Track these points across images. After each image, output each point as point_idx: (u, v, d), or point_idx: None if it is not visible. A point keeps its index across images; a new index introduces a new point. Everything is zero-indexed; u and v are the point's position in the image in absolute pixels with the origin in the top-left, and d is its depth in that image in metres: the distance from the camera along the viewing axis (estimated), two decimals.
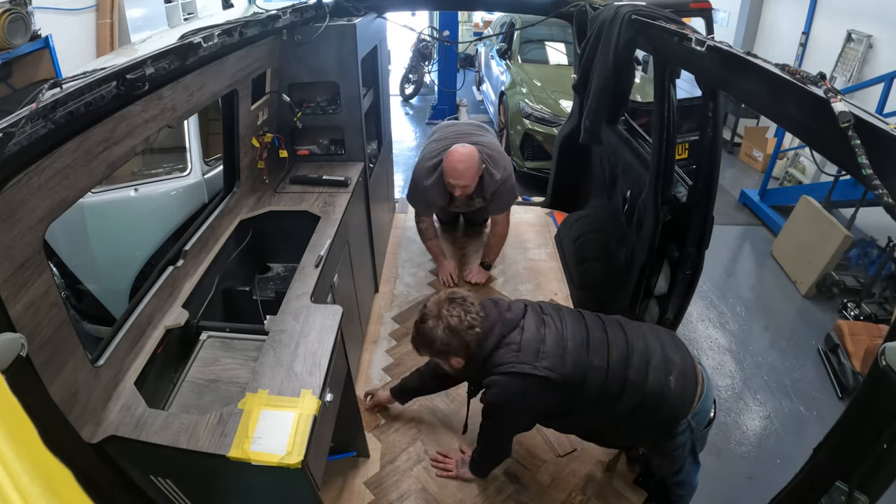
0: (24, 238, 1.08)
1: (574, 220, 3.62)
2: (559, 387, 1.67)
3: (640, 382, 1.69)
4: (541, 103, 5.61)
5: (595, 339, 1.75)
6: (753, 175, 6.42)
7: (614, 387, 1.70)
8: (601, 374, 1.69)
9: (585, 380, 1.69)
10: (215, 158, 3.30)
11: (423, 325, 1.78)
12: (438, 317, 1.75)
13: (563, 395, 1.71)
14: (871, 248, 4.43)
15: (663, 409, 1.71)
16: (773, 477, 2.78)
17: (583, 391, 1.70)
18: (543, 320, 1.79)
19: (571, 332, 1.76)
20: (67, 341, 1.23)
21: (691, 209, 2.17)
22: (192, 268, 1.88)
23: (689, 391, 1.71)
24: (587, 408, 1.75)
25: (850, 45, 5.38)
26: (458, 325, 1.72)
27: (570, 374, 1.68)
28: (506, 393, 1.70)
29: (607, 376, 1.69)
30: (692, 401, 1.72)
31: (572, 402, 1.74)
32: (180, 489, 1.41)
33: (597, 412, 1.77)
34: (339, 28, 2.44)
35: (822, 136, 1.10)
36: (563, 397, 1.72)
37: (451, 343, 1.74)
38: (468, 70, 9.47)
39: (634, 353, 1.73)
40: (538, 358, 1.67)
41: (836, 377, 3.41)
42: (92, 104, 1.16)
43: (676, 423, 1.73)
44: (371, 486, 2.17)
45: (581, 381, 1.69)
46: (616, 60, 2.27)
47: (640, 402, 1.70)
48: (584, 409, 1.76)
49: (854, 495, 0.91)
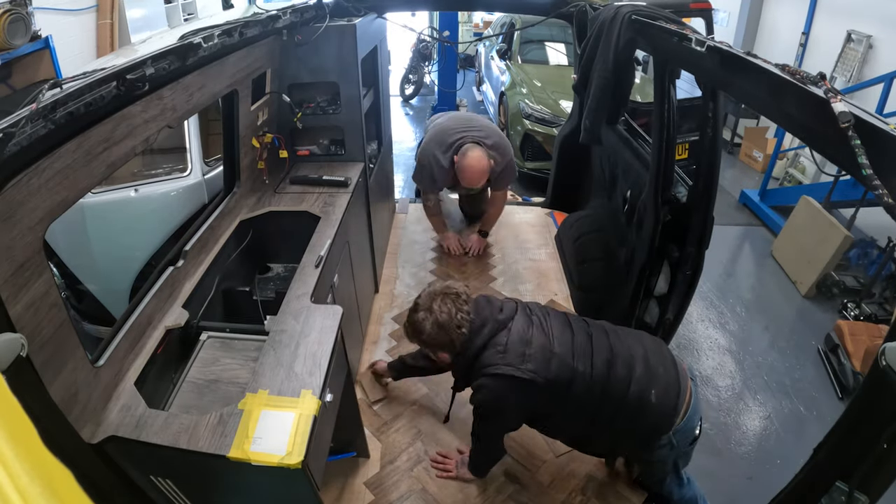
0: (24, 238, 1.08)
1: (574, 221, 3.62)
2: (543, 389, 1.69)
3: (621, 392, 1.69)
4: (541, 104, 5.61)
5: (580, 345, 1.76)
6: (753, 175, 6.43)
7: (597, 392, 1.70)
8: (585, 380, 1.70)
9: (570, 384, 1.70)
10: (215, 159, 3.30)
11: (415, 315, 1.81)
12: (429, 310, 1.77)
13: (547, 397, 1.72)
14: (871, 249, 4.43)
15: (644, 420, 1.71)
16: (773, 477, 2.78)
17: (567, 395, 1.71)
18: (532, 322, 1.80)
19: (558, 336, 1.76)
20: (67, 341, 1.23)
21: (691, 209, 2.17)
22: (193, 268, 1.88)
23: (669, 406, 1.70)
24: (571, 411, 1.77)
25: (850, 45, 5.38)
26: (446, 322, 1.74)
27: (555, 378, 1.69)
28: (492, 394, 1.72)
29: (591, 382, 1.70)
30: (673, 415, 1.70)
31: (556, 405, 1.76)
32: (180, 489, 1.40)
33: (579, 417, 1.78)
34: (339, 28, 2.44)
35: (822, 136, 1.10)
36: (548, 399, 1.73)
37: (437, 338, 1.77)
38: (468, 70, 9.48)
39: (618, 361, 1.73)
40: (523, 361, 1.68)
41: (836, 377, 3.41)
42: (92, 104, 1.16)
43: (657, 437, 1.73)
44: (371, 486, 2.17)
45: (566, 384, 1.70)
46: (616, 61, 2.27)
47: (619, 411, 1.71)
48: (568, 412, 1.77)
49: (854, 495, 0.91)
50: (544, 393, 1.69)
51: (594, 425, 1.78)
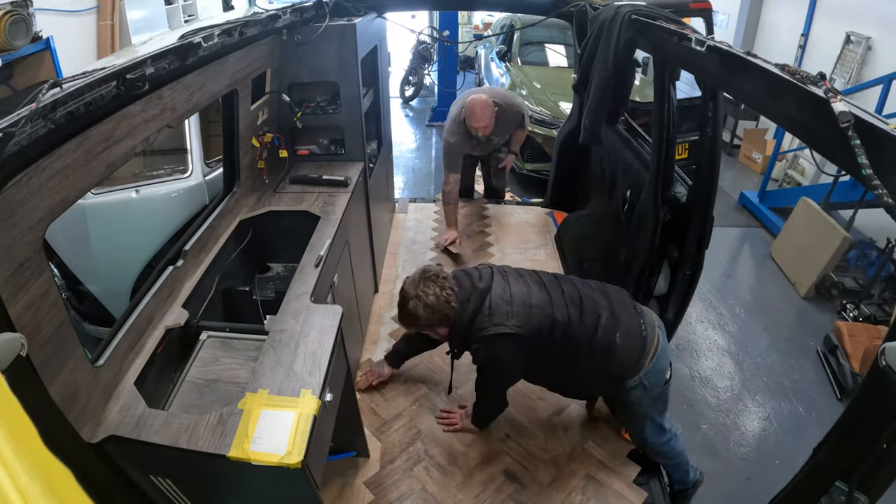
0: (24, 238, 1.08)
1: (574, 221, 3.62)
2: (528, 339, 1.88)
3: (590, 336, 1.89)
4: (540, 105, 5.61)
5: (556, 297, 1.94)
6: (753, 177, 6.43)
7: (572, 338, 1.90)
8: (562, 327, 1.89)
9: (551, 331, 1.89)
10: (216, 160, 3.30)
11: (405, 306, 1.97)
12: (416, 297, 1.92)
13: (533, 345, 1.90)
14: (870, 250, 4.44)
15: (613, 362, 1.90)
16: (772, 478, 2.77)
17: (549, 342, 1.90)
18: (507, 281, 1.98)
19: (535, 291, 1.95)
20: (67, 341, 1.23)
21: (691, 209, 2.17)
22: (192, 268, 1.88)
23: (636, 349, 1.90)
24: (555, 357, 1.96)
25: (849, 46, 5.39)
26: (434, 302, 1.90)
27: (537, 328, 1.88)
28: (489, 352, 1.93)
29: (566, 328, 1.89)
30: (641, 357, 1.90)
31: (541, 352, 1.93)
32: (180, 489, 1.40)
33: (559, 362, 1.98)
34: (339, 28, 2.44)
35: (822, 136, 1.10)
36: (534, 347, 1.91)
37: (432, 318, 1.93)
38: (468, 72, 9.49)
39: (587, 310, 1.92)
40: (508, 317, 1.87)
41: (835, 378, 3.41)
42: (92, 104, 1.16)
43: (627, 378, 1.91)
44: (371, 486, 2.17)
45: (547, 332, 1.89)
46: (616, 60, 2.27)
47: (591, 354, 1.90)
48: (553, 358, 1.97)
49: (854, 495, 0.91)
50: (531, 342, 1.88)
51: (574, 370, 1.98)
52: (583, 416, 2.49)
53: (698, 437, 3.02)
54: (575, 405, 2.53)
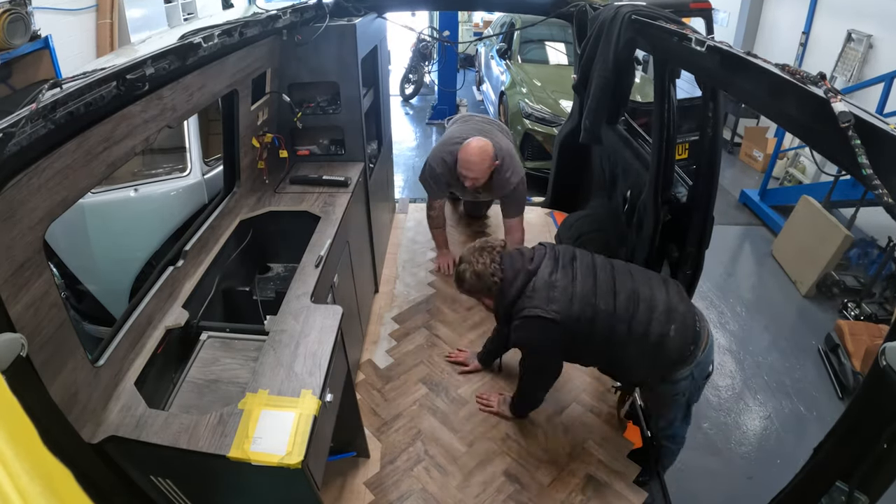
0: (24, 238, 1.08)
1: (574, 221, 3.61)
2: (567, 326, 1.90)
3: (642, 328, 1.88)
4: (541, 103, 5.60)
5: (603, 285, 1.96)
6: (753, 175, 6.42)
7: (620, 329, 1.89)
8: (607, 317, 1.90)
9: (593, 320, 1.90)
10: (215, 159, 3.30)
11: (459, 266, 2.12)
12: (469, 262, 2.06)
13: (572, 332, 1.92)
14: (872, 248, 4.43)
15: (664, 354, 1.89)
16: (772, 477, 2.78)
17: (591, 331, 1.91)
18: (557, 265, 2.01)
19: (582, 277, 1.97)
20: (67, 341, 1.23)
21: (691, 209, 2.16)
22: (192, 268, 1.88)
23: (688, 340, 1.88)
24: (597, 344, 1.96)
25: (851, 45, 5.38)
26: (482, 270, 2.02)
27: (577, 315, 1.90)
28: (526, 333, 1.98)
29: (613, 319, 1.89)
30: (692, 349, 1.88)
31: (582, 339, 1.95)
32: (180, 489, 1.41)
33: (605, 350, 1.99)
34: (339, 28, 2.44)
35: (822, 136, 1.10)
36: (573, 334, 1.93)
37: (476, 285, 2.05)
38: (468, 70, 9.46)
39: (640, 300, 1.91)
40: (549, 302, 1.91)
41: (836, 377, 3.41)
42: (92, 104, 1.16)
43: (677, 369, 1.91)
44: (371, 486, 2.17)
45: (589, 321, 1.90)
46: (616, 60, 2.26)
47: (642, 345, 1.88)
48: (594, 345, 1.97)
49: (854, 495, 0.91)
50: (568, 328, 1.91)
51: (622, 357, 1.98)
52: (583, 416, 2.49)
53: (699, 436, 3.02)
54: (575, 405, 2.53)
